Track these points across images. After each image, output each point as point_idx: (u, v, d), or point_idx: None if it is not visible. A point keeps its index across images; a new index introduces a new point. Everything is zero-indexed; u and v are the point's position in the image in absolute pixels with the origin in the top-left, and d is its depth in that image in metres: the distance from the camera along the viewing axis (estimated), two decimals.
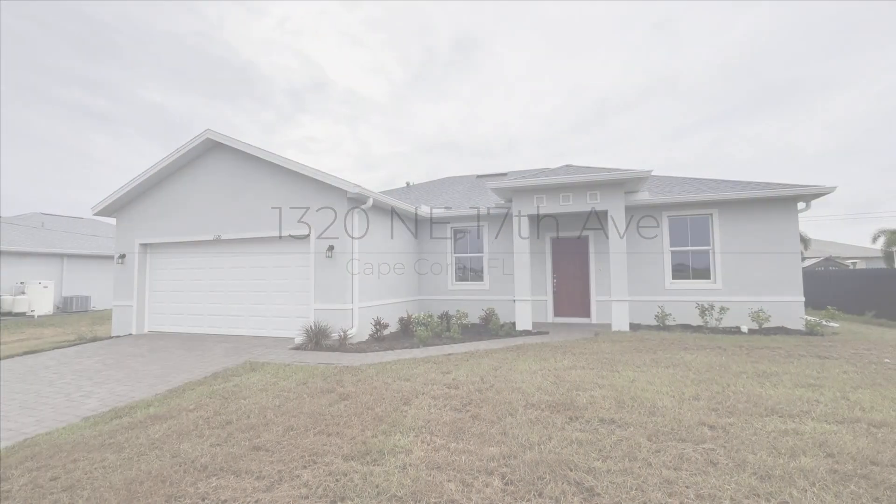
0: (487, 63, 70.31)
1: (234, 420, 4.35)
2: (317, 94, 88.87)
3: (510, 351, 7.30)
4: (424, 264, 12.37)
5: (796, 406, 4.13)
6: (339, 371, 6.28)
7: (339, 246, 8.77)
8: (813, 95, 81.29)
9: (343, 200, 8.81)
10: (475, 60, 66.64)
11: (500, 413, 4.19)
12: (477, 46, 65.99)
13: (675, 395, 4.55)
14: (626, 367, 5.84)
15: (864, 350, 6.69)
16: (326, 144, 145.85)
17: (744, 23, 51.19)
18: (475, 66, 72.21)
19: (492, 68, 79.87)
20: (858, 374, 5.24)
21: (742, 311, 9.62)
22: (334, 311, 8.70)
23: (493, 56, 68.27)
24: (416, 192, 16.09)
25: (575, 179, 9.42)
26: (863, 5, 53.60)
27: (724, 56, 68.14)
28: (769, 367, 5.67)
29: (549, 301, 11.39)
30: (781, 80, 78.42)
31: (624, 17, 53.51)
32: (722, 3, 45.87)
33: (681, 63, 78.87)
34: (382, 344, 8.47)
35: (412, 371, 6.07)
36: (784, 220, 9.74)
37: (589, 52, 70.80)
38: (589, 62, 73.44)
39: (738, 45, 62.92)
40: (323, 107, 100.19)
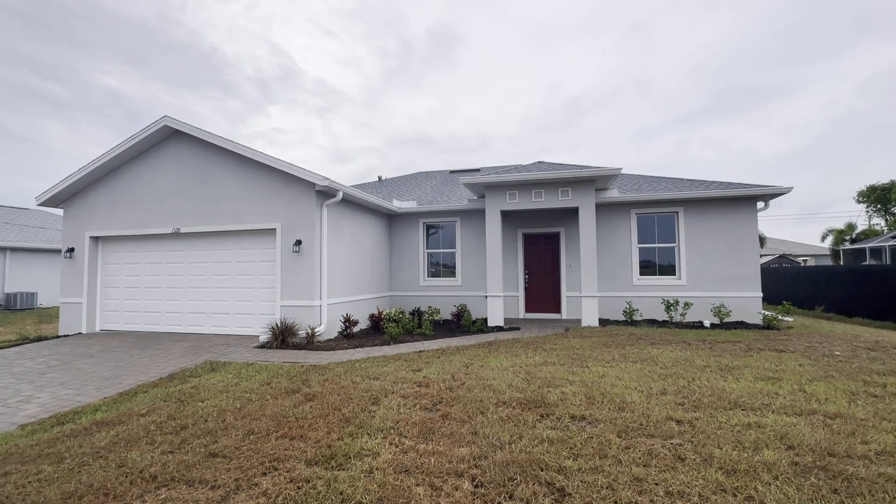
0: (465, 59, 70.24)
1: (189, 425, 4.09)
2: (286, 84, 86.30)
3: (482, 347, 7.25)
4: (396, 260, 12.18)
5: (757, 399, 4.25)
6: (306, 370, 6.06)
7: (307, 240, 8.48)
8: (770, 101, 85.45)
9: (311, 193, 8.51)
10: (453, 56, 66.54)
11: (471, 412, 4.11)
12: (456, 41, 65.82)
13: (644, 390, 4.60)
14: (596, 362, 5.89)
15: (817, 343, 7.01)
16: (296, 136, 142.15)
17: (712, 28, 53.11)
18: (453, 61, 72.02)
19: (469, 64, 79.76)
20: (813, 367, 5.46)
21: (705, 307, 9.95)
22: (302, 308, 8.41)
23: (471, 51, 68.20)
24: (388, 187, 15.83)
25: (547, 176, 9.45)
26: (815, 18, 56.64)
27: (693, 60, 70.63)
28: (731, 360, 5.84)
29: (520, 297, 11.44)
30: (743, 86, 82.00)
31: (602, 17, 54.51)
32: (692, 8, 47.44)
33: (653, 65, 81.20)
34: (352, 341, 8.26)
35: (382, 369, 5.92)
36: (744, 219, 10.11)
37: (566, 50, 71.85)
38: (565, 61, 74.55)
39: (706, 49, 65.30)
40: (292, 97, 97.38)
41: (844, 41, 61.25)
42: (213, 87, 71.39)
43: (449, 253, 12.04)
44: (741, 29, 59.64)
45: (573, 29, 62.33)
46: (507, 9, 48.01)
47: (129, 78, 51.57)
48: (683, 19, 52.13)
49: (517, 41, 69.67)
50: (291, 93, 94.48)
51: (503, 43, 69.09)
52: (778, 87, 78.25)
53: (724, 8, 46.47)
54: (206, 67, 57.47)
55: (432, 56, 74.47)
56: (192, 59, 53.52)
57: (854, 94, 71.05)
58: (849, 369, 5.32)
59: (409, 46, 71.41)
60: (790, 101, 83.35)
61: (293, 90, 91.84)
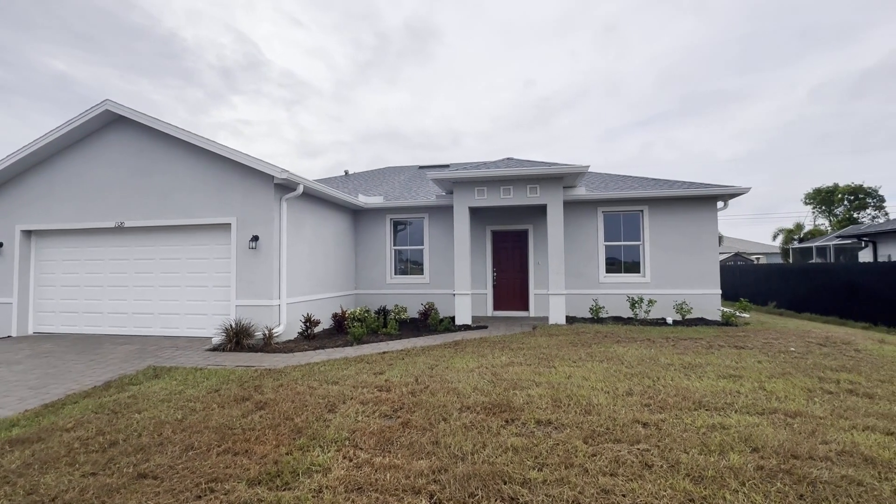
0: (441, 54, 69.74)
1: (120, 440, 3.68)
2: (251, 74, 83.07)
3: (448, 347, 7.05)
4: (362, 257, 11.81)
5: (720, 398, 4.24)
6: (260, 375, 5.67)
7: (265, 236, 8.01)
8: (728, 106, 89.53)
9: (269, 187, 8.04)
10: (428, 50, 65.96)
11: (433, 418, 3.90)
12: (431, 36, 65.27)
13: (610, 391, 4.52)
14: (563, 362, 5.80)
15: (773, 339, 7.21)
16: (262, 128, 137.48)
17: (676, 34, 54.95)
18: (428, 55, 71.44)
19: (444, 59, 79.34)
20: (771, 364, 5.56)
21: (668, 304, 10.13)
22: (259, 308, 7.95)
23: (448, 47, 67.80)
24: (355, 181, 15.37)
25: (515, 172, 9.34)
26: (767, 28, 59.68)
27: (662, 63, 73.01)
28: (694, 358, 5.89)
29: (489, 295, 11.33)
30: (704, 91, 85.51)
31: (573, 18, 55.34)
32: (660, 13, 48.93)
33: (623, 67, 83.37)
34: (313, 343, 7.88)
35: (342, 373, 5.62)
36: (705, 218, 10.35)
37: (540, 49, 72.62)
38: (538, 59, 75.34)
39: (672, 53, 67.58)
40: (258, 88, 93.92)
41: (794, 51, 64.86)
42: (173, 75, 67.50)
43: (417, 250, 11.78)
44: (703, 36, 62.11)
45: (546, 28, 63.11)
46: (483, 4, 47.96)
47: (79, 62, 47.86)
48: (652, 24, 53.75)
49: (492, 38, 69.90)
50: (257, 83, 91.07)
51: (478, 38, 69.17)
52: (735, 92, 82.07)
53: (688, 14, 48.12)
54: (165, 53, 54.14)
55: (407, 50, 73.64)
56: (149, 44, 50.35)
57: (803, 101, 75.47)
58: (804, 366, 5.44)
59: (383, 40, 70.31)
60: (746, 107, 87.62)
61: (259, 80, 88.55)
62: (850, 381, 4.76)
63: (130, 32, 43.32)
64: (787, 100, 77.27)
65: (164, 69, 64.14)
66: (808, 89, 72.01)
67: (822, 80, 68.70)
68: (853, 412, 3.82)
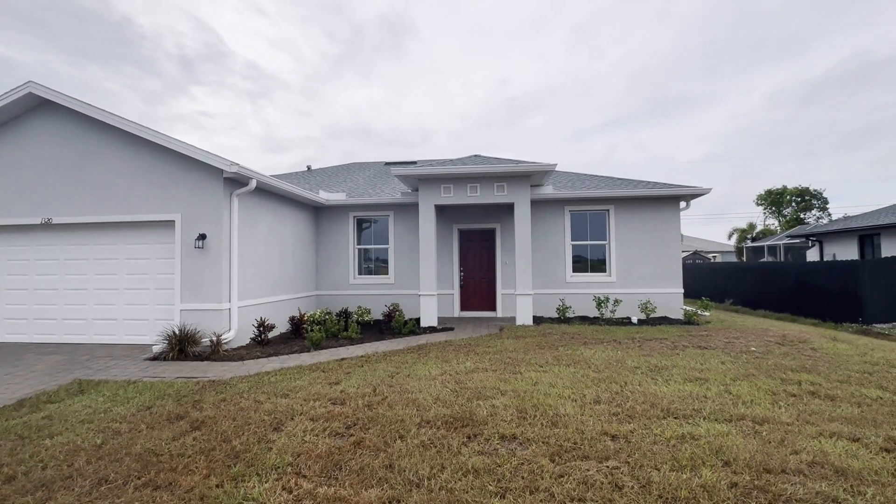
0: (416, 50, 68.80)
1: (20, 474, 3.15)
2: (213, 65, 79.27)
3: (411, 352, 6.72)
4: (324, 256, 11.27)
5: (688, 404, 4.11)
6: (202, 388, 5.15)
7: (213, 234, 7.40)
8: (689, 110, 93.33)
9: (218, 181, 7.43)
10: (403, 46, 64.92)
11: (389, 436, 3.56)
12: (408, 32, 64.28)
13: (577, 399, 4.32)
14: (529, 367, 5.58)
15: (734, 339, 7.29)
16: (225, 121, 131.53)
17: (642, 39, 56.50)
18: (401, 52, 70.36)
19: (419, 56, 78.40)
20: (734, 365, 5.55)
21: (633, 303, 10.18)
22: (206, 312, 7.35)
23: (423, 43, 66.97)
24: (317, 177, 14.74)
25: (483, 170, 9.10)
26: (726, 36, 62.47)
27: (633, 66, 74.99)
28: (660, 360, 5.81)
29: (455, 295, 11.07)
30: (666, 95, 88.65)
31: (550, 17, 55.86)
32: (628, 19, 50.24)
33: (594, 69, 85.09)
34: (266, 349, 7.36)
35: (294, 383, 5.18)
36: (669, 218, 10.46)
37: (513, 49, 72.97)
38: (511, 59, 75.63)
39: (641, 56, 69.53)
40: (220, 79, 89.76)
41: (749, 59, 68.30)
42: (127, 63, 63.04)
43: (381, 249, 11.36)
44: (667, 41, 64.25)
45: (519, 28, 63.57)
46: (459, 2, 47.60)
47: (24, 46, 44.01)
48: (621, 27, 55.09)
49: (467, 36, 69.76)
50: (219, 74, 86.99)
51: (454, 36, 68.82)
52: (694, 97, 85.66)
53: (651, 22, 49.66)
54: (118, 40, 50.49)
55: (382, 45, 72.27)
56: (101, 29, 46.76)
57: (757, 107, 79.67)
58: (766, 366, 5.46)
59: (357, 33, 68.71)
60: (704, 112, 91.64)
61: (221, 72, 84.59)
62: (811, 381, 4.77)
63: (81, 15, 40.22)
64: (742, 106, 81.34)
65: (118, 56, 60.05)
66: (762, 96, 76.06)
67: (774, 87, 72.78)
68: (818, 416, 3.77)
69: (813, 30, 58.84)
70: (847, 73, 65.46)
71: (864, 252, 16.89)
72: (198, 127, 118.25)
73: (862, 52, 61.72)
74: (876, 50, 59.73)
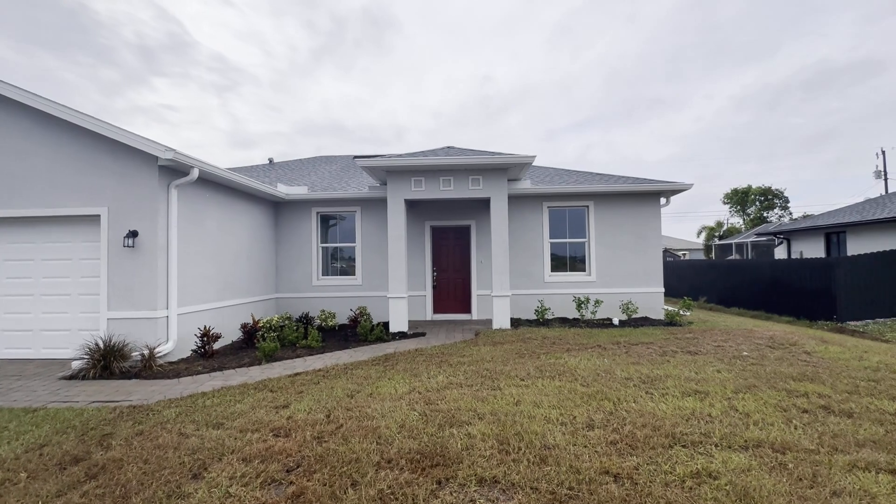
0: (398, 46, 67.22)
1: None
2: (176, 56, 75.31)
3: (377, 364, 5.96)
4: (284, 256, 10.33)
5: (694, 426, 3.55)
6: (118, 416, 4.25)
7: (147, 231, 6.42)
8: (657, 112, 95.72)
9: (152, 170, 6.45)
10: (384, 42, 63.30)
11: (340, 483, 2.82)
12: (389, 24, 62.66)
13: (567, 422, 3.69)
14: (510, 380, 4.93)
15: (722, 342, 6.88)
16: (189, 115, 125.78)
17: (621, 42, 57.15)
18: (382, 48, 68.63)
19: (401, 52, 76.77)
20: (731, 373, 5.07)
21: (613, 303, 9.74)
22: (139, 321, 6.37)
23: (406, 38, 65.52)
24: (280, 171, 13.70)
25: (456, 161, 8.40)
26: (691, 41, 64.10)
27: (605, 68, 75.91)
28: (651, 369, 5.28)
29: (428, 296, 10.35)
30: (635, 96, 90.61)
31: (530, 16, 55.68)
32: (604, 18, 50.71)
33: (571, 69, 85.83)
34: (211, 362, 6.45)
35: (233, 407, 4.36)
36: (649, 215, 10.08)
37: (490, 46, 72.46)
38: (487, 56, 75.10)
39: (616, 59, 70.50)
40: (184, 71, 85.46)
41: (714, 64, 70.43)
42: (82, 51, 58.73)
43: (348, 247, 10.51)
44: (635, 45, 65.45)
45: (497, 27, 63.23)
46: None
47: None
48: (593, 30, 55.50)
49: (446, 35, 68.89)
50: (183, 66, 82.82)
51: (433, 33, 67.72)
52: (661, 100, 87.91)
53: (618, 28, 50.26)
54: (73, 27, 46.73)
55: (364, 38, 70.39)
56: (54, 15, 43.19)
57: (724, 110, 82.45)
58: (765, 375, 5.00)
59: (338, 25, 66.71)
60: (671, 114, 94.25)
61: (185, 63, 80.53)
62: (818, 393, 4.31)
63: (31, 0, 37.09)
64: (703, 109, 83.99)
65: (72, 44, 56.06)
66: (724, 100, 78.65)
67: (736, 92, 75.35)
68: (843, 441, 3.26)
69: (772, 38, 61.32)
70: (805, 79, 68.57)
71: (829, 249, 17.20)
72: (160, 120, 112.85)
73: (817, 60, 64.73)
74: (827, 59, 62.78)
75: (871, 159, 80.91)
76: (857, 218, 15.66)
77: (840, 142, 75.69)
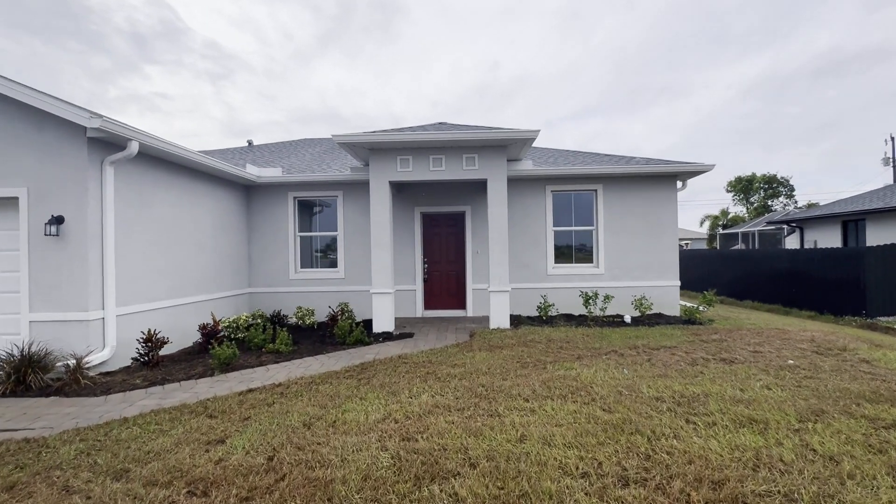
0: (406, 32, 65.22)
1: None
2: (169, 43, 73.08)
3: (349, 377, 4.96)
4: (258, 246, 9.27)
5: (767, 480, 2.57)
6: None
7: (76, 217, 5.36)
8: (660, 101, 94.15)
9: (80, 142, 5.36)
10: (392, 29, 61.33)
11: None
12: (397, 10, 60.68)
13: (591, 473, 2.70)
14: (511, 402, 3.94)
15: (757, 346, 5.92)
16: (183, 103, 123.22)
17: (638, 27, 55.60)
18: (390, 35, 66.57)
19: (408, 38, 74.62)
20: (783, 390, 4.09)
21: (624, 298, 8.75)
22: (68, 325, 5.33)
23: (413, 24, 63.58)
24: (258, 154, 12.56)
25: (448, 137, 7.31)
26: (694, 29, 62.54)
27: (605, 57, 74.25)
28: (684, 385, 4.29)
29: (418, 291, 9.34)
30: (636, 85, 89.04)
31: (531, 5, 53.93)
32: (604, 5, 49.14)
33: (571, 56, 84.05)
34: (155, 372, 5.43)
35: (154, 442, 3.35)
36: (664, 199, 9.05)
37: (489, 35, 70.58)
38: (494, 44, 73.20)
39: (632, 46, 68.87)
40: (177, 58, 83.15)
41: (713, 53, 68.85)
42: (73, 38, 56.71)
43: (329, 237, 9.46)
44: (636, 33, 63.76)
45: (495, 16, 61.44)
46: None
47: None
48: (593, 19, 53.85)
49: (447, 23, 67.04)
50: (176, 53, 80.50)
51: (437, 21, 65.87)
52: (666, 87, 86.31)
53: (621, 14, 48.69)
54: (62, 13, 44.87)
55: (373, 26, 68.20)
56: (41, 0, 41.27)
57: (724, 99, 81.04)
58: (828, 393, 4.02)
59: (339, 13, 64.62)
60: (671, 102, 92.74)
61: (178, 50, 78.30)
62: None
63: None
64: (701, 99, 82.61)
65: (61, 30, 54.04)
66: (726, 89, 77.24)
67: (737, 80, 73.97)
68: None
69: (773, 27, 59.79)
70: (807, 69, 67.11)
71: (847, 239, 16.23)
72: (153, 109, 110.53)
73: (820, 49, 63.22)
74: (831, 48, 61.26)
75: (871, 149, 79.85)
76: (879, 205, 14.66)
77: (840, 131, 74.49)
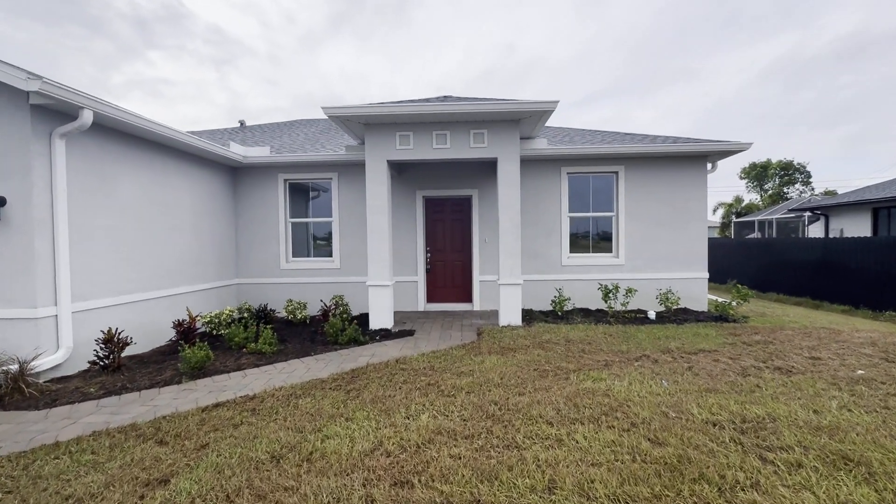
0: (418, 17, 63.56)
1: None
2: (172, 28, 71.60)
3: (337, 387, 4.21)
4: (246, 233, 8.51)
5: None
6: None
7: (18, 198, 4.59)
8: (674, 85, 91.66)
9: (23, 111, 4.57)
10: (406, 15, 59.77)
11: None
12: None
13: None
14: (531, 427, 3.17)
15: (811, 349, 5.11)
16: (186, 89, 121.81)
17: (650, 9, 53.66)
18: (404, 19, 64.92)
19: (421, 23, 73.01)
20: (868, 414, 3.30)
21: (648, 291, 7.94)
22: (14, 323, 4.61)
23: (425, 8, 61.92)
24: (250, 134, 11.72)
25: (454, 109, 6.43)
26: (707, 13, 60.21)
27: (616, 41, 72.15)
28: (742, 404, 3.51)
29: (420, 283, 8.56)
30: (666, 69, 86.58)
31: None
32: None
33: (582, 38, 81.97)
34: (115, 378, 4.72)
35: (81, 481, 2.63)
36: (693, 183, 8.17)
37: (521, 12, 68.67)
38: (518, 25, 71.27)
39: (642, 30, 66.80)
40: (180, 44, 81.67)
41: (726, 38, 66.48)
42: (75, 23, 55.58)
43: (323, 223, 8.67)
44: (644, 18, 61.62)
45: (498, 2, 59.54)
46: None
47: None
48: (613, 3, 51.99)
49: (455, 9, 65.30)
50: (179, 38, 79.04)
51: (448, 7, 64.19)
52: (683, 70, 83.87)
53: None
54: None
55: (386, 12, 66.49)
56: None
57: (737, 85, 78.67)
58: None
59: None
60: (680, 87, 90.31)
61: (181, 35, 76.89)
62: None
63: None
64: (710, 85, 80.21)
65: (63, 16, 52.93)
66: (740, 71, 74.91)
67: (746, 65, 71.62)
68: None
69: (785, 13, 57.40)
70: (826, 53, 64.71)
71: (877, 227, 15.23)
72: (156, 95, 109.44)
73: (834, 35, 60.84)
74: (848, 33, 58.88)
75: (887, 137, 77.32)
76: None
77: (856, 119, 72.22)
